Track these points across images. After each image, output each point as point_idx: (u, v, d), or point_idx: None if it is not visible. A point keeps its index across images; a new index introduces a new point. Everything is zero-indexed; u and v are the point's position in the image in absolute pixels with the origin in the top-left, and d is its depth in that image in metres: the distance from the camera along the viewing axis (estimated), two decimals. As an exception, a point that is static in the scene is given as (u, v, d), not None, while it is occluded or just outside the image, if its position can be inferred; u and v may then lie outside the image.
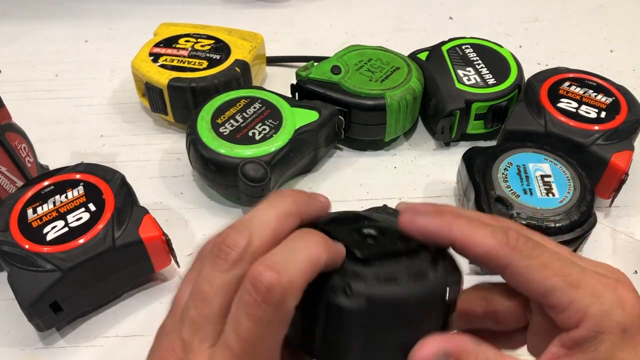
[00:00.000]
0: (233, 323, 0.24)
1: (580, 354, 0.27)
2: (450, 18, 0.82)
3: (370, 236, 0.28)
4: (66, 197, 0.47)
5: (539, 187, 0.48)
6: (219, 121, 0.54)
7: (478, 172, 0.50)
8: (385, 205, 0.33)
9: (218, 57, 0.62)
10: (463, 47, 0.63)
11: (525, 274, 0.27)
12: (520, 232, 0.28)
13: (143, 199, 0.50)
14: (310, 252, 0.25)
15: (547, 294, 0.27)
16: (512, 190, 0.48)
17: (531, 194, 0.48)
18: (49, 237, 0.44)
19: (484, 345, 0.28)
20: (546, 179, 0.49)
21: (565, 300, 0.26)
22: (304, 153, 0.55)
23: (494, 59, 0.62)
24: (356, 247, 0.26)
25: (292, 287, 0.24)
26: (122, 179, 0.49)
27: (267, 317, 0.24)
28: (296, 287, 0.24)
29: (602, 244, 0.52)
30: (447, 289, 0.27)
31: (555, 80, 0.58)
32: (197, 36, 0.65)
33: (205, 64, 0.61)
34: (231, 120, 0.54)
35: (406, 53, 0.64)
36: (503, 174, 0.49)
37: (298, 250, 0.25)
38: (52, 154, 0.60)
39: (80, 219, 0.45)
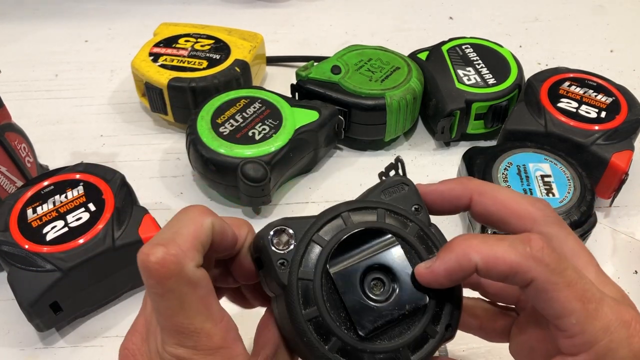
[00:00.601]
0: (154, 309, 0.26)
1: None
2: (450, 18, 0.82)
3: (379, 279, 0.27)
4: (66, 197, 0.47)
5: (539, 187, 0.48)
6: (219, 121, 0.54)
7: (478, 172, 0.50)
8: (397, 159, 0.33)
9: (218, 57, 0.62)
10: (463, 47, 0.63)
11: (550, 291, 0.25)
12: (543, 240, 0.26)
13: (143, 199, 0.50)
14: (194, 217, 0.26)
15: (563, 316, 0.26)
16: (512, 190, 0.48)
17: (531, 193, 0.48)
18: (48, 237, 0.44)
19: None
20: (546, 179, 0.49)
21: (578, 329, 0.25)
22: (304, 153, 0.55)
23: (494, 59, 0.62)
24: (359, 315, 0.26)
25: (183, 251, 0.25)
26: (122, 179, 0.49)
27: (174, 288, 0.25)
28: (188, 250, 0.25)
29: (602, 244, 0.52)
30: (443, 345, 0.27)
31: (556, 80, 0.58)
32: (197, 36, 0.65)
33: (205, 63, 0.61)
34: (231, 120, 0.54)
35: (406, 53, 0.64)
36: (503, 174, 0.49)
37: (181, 220, 0.26)
38: (52, 154, 0.60)
39: (80, 219, 0.45)
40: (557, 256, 0.26)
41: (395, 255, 0.28)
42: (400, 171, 0.34)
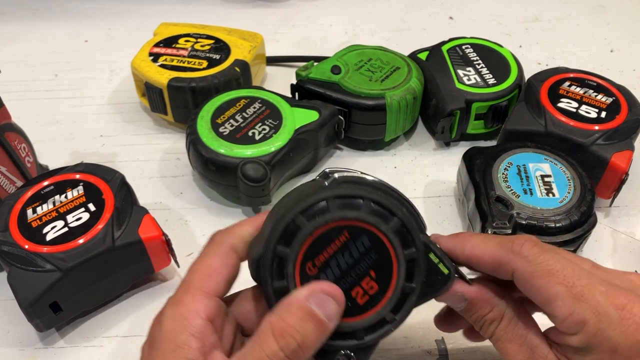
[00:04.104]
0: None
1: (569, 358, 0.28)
2: (450, 18, 0.82)
3: None
4: (66, 197, 0.47)
5: (539, 187, 0.48)
6: (219, 121, 0.54)
7: (478, 172, 0.50)
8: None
9: (218, 57, 0.62)
10: (463, 47, 0.63)
11: (530, 280, 0.27)
12: (529, 239, 0.29)
13: (143, 199, 0.50)
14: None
15: (549, 302, 0.27)
16: (512, 190, 0.48)
17: (531, 194, 0.48)
18: (48, 237, 0.44)
19: (503, 301, 0.30)
20: (546, 179, 0.49)
21: (566, 311, 0.27)
22: (304, 153, 0.55)
23: (494, 59, 0.62)
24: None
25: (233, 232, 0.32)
26: (122, 179, 0.49)
27: (214, 248, 0.32)
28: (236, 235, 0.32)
29: (602, 244, 0.52)
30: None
31: (556, 80, 0.58)
32: (197, 36, 0.65)
33: (205, 63, 0.61)
34: (231, 120, 0.54)
35: (406, 53, 0.64)
36: (503, 174, 0.49)
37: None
38: (52, 154, 0.60)
39: (80, 219, 0.45)
40: (538, 250, 0.28)
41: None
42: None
